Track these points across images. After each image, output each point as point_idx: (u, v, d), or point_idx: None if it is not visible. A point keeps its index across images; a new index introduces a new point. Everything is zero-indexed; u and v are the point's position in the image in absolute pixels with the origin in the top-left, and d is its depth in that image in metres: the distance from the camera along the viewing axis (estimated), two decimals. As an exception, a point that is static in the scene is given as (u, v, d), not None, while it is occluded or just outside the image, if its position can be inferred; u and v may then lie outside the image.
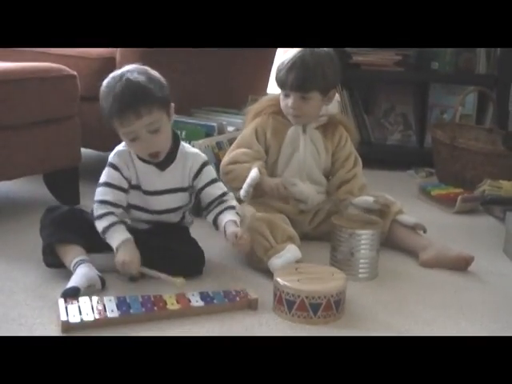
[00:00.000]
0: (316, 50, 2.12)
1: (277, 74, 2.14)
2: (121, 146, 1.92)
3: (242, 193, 2.07)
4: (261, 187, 2.08)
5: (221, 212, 1.91)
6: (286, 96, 2.14)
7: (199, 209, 1.99)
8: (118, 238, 1.80)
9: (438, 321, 1.73)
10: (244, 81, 3.17)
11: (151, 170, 1.89)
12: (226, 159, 2.18)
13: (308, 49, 2.11)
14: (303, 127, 2.19)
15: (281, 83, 2.14)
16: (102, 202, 1.85)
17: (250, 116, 2.24)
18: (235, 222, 1.87)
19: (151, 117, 1.79)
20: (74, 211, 1.90)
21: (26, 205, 2.49)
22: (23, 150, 2.28)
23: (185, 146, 1.96)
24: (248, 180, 2.05)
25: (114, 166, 1.88)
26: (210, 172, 1.96)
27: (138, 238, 1.89)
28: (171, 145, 1.90)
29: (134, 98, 1.77)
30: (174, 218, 1.97)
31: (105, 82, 1.83)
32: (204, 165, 1.94)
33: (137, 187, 1.91)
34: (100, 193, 1.87)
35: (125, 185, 1.89)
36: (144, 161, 1.89)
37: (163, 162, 1.89)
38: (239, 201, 2.04)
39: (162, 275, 1.78)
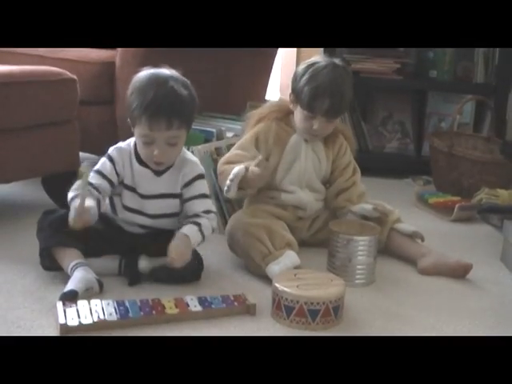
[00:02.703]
0: (339, 68, 2.09)
1: (309, 98, 2.06)
2: (123, 144, 1.92)
3: (225, 188, 2.01)
4: (246, 183, 1.99)
5: (185, 224, 1.87)
6: (311, 118, 2.10)
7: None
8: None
9: (436, 327, 1.73)
10: (243, 87, 3.17)
11: (148, 173, 1.89)
12: (222, 159, 2.16)
13: (336, 69, 2.07)
14: (305, 136, 2.19)
15: (311, 108, 2.07)
16: None
17: (253, 121, 2.22)
18: (186, 236, 1.82)
19: (178, 132, 1.81)
20: (71, 215, 1.90)
21: (24, 208, 2.48)
22: (21, 153, 2.27)
23: (186, 152, 1.95)
24: (230, 175, 1.98)
25: (110, 158, 1.89)
26: (201, 186, 1.93)
27: (135, 244, 1.90)
28: None
29: (173, 108, 1.78)
30: (169, 224, 1.95)
31: (144, 77, 1.81)
32: (198, 177, 1.93)
33: (131, 188, 1.91)
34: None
35: (114, 178, 1.89)
36: (142, 164, 1.89)
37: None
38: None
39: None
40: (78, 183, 1.82)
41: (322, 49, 3.16)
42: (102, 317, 1.60)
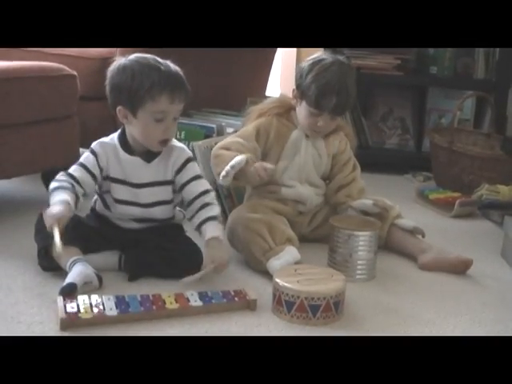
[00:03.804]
0: (345, 65, 2.09)
1: (317, 96, 2.06)
2: (107, 139, 1.93)
3: (222, 173, 1.99)
4: (244, 175, 1.99)
5: (204, 222, 1.87)
6: (317, 115, 2.10)
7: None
8: (59, 197, 1.77)
9: (437, 323, 1.73)
10: (243, 83, 3.17)
11: (137, 162, 1.90)
12: (219, 143, 2.15)
13: (342, 67, 2.08)
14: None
15: (318, 105, 2.07)
16: (67, 174, 1.87)
17: (254, 116, 2.22)
18: (218, 238, 1.84)
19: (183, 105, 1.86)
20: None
21: (24, 203, 2.48)
22: (21, 148, 2.27)
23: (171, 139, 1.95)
24: (232, 162, 1.98)
25: (92, 152, 1.90)
26: (193, 168, 1.94)
27: (132, 239, 1.90)
28: None
29: (183, 80, 1.85)
30: (164, 212, 1.96)
31: (136, 61, 1.82)
32: (188, 160, 1.93)
33: (121, 181, 1.91)
34: (71, 168, 1.89)
35: (97, 172, 1.89)
36: (130, 153, 1.89)
37: (150, 154, 1.90)
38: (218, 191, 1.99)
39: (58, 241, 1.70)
40: (60, 173, 1.85)
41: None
42: (102, 312, 1.60)
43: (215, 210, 1.90)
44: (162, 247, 1.86)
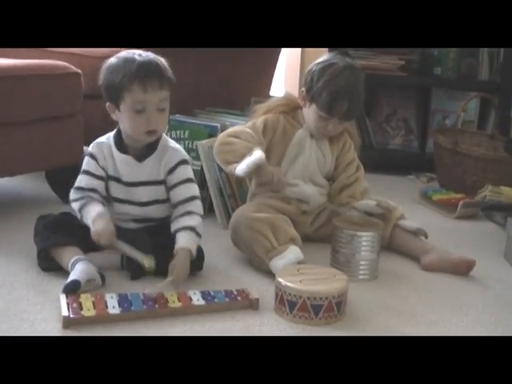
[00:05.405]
0: (356, 70, 2.10)
1: (329, 101, 2.06)
2: (103, 138, 1.94)
3: (242, 168, 1.97)
4: (259, 172, 1.99)
5: (180, 230, 1.84)
6: (326, 119, 2.11)
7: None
8: (92, 212, 1.83)
9: (439, 323, 1.73)
10: (247, 83, 3.17)
11: (129, 160, 1.90)
12: (227, 131, 2.14)
13: (353, 72, 2.08)
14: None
15: (329, 111, 2.08)
16: (77, 188, 1.91)
17: (260, 113, 2.22)
18: (186, 250, 1.80)
19: (166, 93, 1.84)
20: (66, 215, 1.92)
21: (28, 201, 2.49)
22: (26, 146, 2.28)
23: (168, 140, 1.95)
24: (254, 157, 1.95)
25: (91, 155, 1.92)
26: (185, 171, 1.92)
27: (133, 239, 1.88)
28: None
29: (159, 68, 1.82)
30: (161, 211, 1.95)
31: (115, 58, 1.85)
32: (181, 163, 1.91)
33: (117, 179, 1.92)
34: (78, 180, 1.92)
35: (101, 173, 1.91)
36: (123, 151, 1.89)
37: (142, 153, 1.90)
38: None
39: (134, 252, 1.80)
40: (71, 191, 1.88)
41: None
42: (104, 310, 1.60)
43: (195, 219, 1.87)
44: (160, 246, 1.85)
